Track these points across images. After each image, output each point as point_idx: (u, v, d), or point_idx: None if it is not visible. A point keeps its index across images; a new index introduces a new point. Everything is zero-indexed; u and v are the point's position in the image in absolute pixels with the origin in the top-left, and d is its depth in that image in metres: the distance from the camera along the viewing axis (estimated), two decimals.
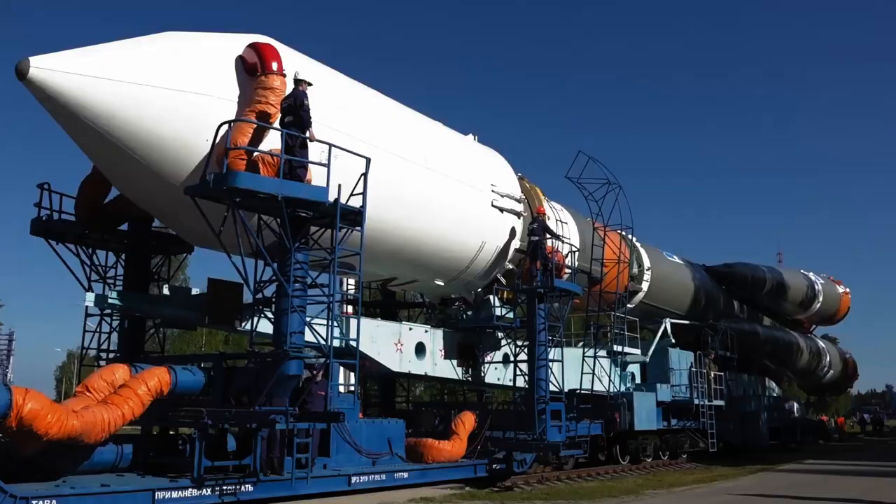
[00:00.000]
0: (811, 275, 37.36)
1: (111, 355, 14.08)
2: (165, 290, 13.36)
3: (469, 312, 18.89)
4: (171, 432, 13.40)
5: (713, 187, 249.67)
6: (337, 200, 11.32)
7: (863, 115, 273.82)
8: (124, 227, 14.10)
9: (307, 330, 11.76)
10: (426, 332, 17.08)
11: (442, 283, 17.30)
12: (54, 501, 9.77)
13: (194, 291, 13.67)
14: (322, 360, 12.26)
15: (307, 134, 11.39)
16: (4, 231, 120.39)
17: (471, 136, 18.75)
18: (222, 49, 12.26)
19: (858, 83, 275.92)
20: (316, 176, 11.83)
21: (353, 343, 12.22)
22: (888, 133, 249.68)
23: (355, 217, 11.83)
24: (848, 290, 40.07)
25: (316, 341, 11.52)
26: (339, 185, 11.37)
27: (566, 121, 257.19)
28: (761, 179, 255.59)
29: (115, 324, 14.10)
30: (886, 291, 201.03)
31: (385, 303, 19.98)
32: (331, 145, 11.45)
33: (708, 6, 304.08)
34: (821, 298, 37.03)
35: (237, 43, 12.45)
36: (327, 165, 11.29)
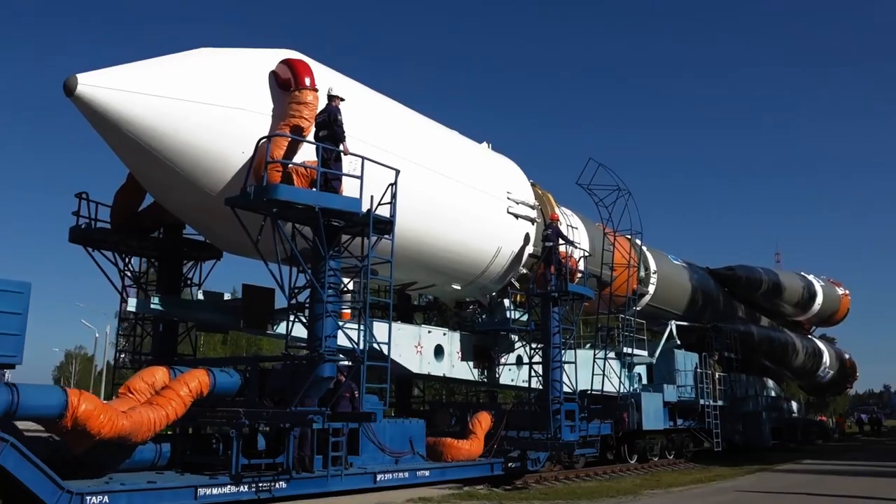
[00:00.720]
0: (811, 277, 37.98)
1: (140, 358, 14.67)
2: (200, 295, 13.88)
3: (483, 315, 19.45)
4: (203, 432, 13.92)
5: (713, 187, 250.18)
6: (370, 210, 11.87)
7: (862, 115, 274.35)
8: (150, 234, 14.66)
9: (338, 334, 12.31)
10: (444, 334, 17.66)
11: (459, 288, 17.85)
12: (106, 497, 10.28)
13: (226, 296, 14.18)
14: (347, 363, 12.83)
15: (341, 147, 11.93)
16: (4, 231, 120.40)
17: (485, 144, 19.29)
18: (256, 65, 12.79)
19: (858, 83, 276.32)
20: (347, 186, 12.37)
21: (384, 347, 12.72)
22: (887, 133, 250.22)
23: (385, 226, 12.37)
24: (847, 291, 40.72)
25: (350, 345, 12.03)
26: (371, 197, 11.93)
27: (564, 120, 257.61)
28: (761, 179, 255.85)
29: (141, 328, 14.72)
30: (884, 292, 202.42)
31: (401, 305, 20.50)
32: (363, 158, 11.98)
33: (704, 5, 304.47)
34: (820, 300, 37.68)
35: (269, 58, 12.99)
36: (360, 177, 11.83)
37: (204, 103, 11.85)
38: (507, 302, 18.78)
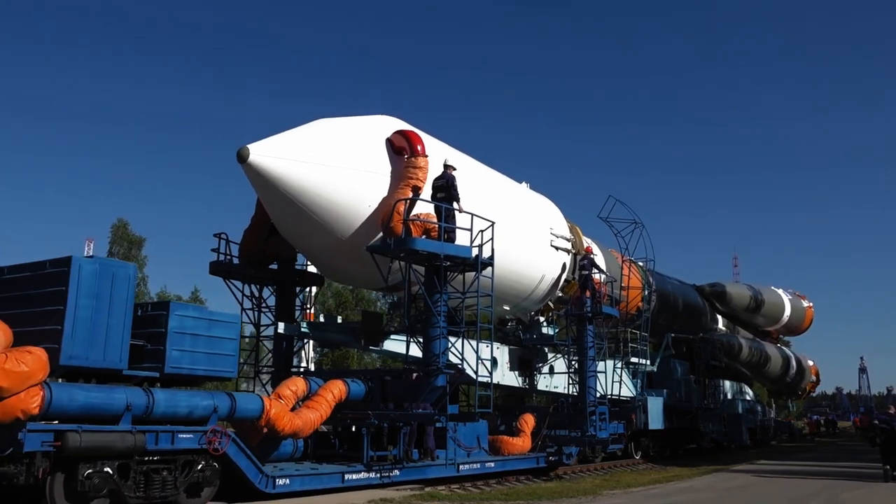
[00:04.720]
0: (780, 290, 42.12)
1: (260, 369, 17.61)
2: (321, 318, 16.92)
3: (520, 330, 22.74)
4: (319, 430, 16.85)
5: (671, 186, 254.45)
6: (478, 256, 15.08)
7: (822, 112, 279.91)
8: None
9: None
10: (497, 348, 20.88)
11: (507, 308, 21.10)
12: (287, 480, 13.31)
13: (338, 320, 17.23)
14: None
15: (456, 206, 15.11)
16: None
17: (525, 184, 22.59)
18: (373, 133, 15.93)
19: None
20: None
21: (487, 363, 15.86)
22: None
23: (485, 266, 15.56)
24: (811, 304, 45.01)
25: (457, 362, 15.23)
26: (480, 247, 15.13)
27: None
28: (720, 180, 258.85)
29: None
30: (834, 296, 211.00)
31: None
32: (472, 215, 15.18)
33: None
34: (788, 312, 41.85)
35: (380, 125, 16.19)
36: (470, 230, 15.03)
37: (342, 167, 14.93)
38: (542, 320, 22.14)
